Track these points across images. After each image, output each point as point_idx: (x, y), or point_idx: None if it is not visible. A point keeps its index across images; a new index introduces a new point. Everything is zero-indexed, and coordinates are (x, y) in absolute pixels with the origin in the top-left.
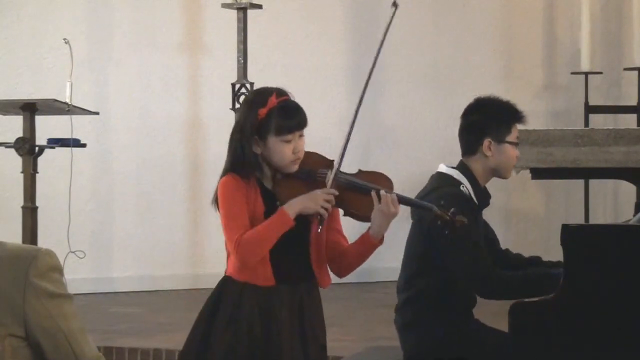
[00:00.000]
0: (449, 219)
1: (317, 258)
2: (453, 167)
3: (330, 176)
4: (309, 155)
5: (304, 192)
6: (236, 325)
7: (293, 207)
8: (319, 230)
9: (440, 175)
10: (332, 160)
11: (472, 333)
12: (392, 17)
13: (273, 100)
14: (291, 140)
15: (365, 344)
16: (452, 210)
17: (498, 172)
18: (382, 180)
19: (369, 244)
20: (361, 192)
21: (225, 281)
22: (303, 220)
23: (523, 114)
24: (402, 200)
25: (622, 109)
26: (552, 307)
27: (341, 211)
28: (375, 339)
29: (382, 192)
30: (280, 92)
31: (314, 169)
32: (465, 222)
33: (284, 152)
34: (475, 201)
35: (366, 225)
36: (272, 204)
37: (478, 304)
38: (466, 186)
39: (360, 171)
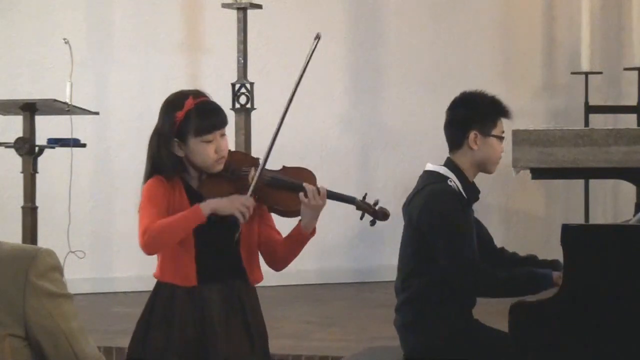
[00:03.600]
0: (370, 210)
1: (247, 255)
2: (440, 165)
3: (253, 173)
4: (234, 154)
5: (228, 191)
6: (168, 328)
7: (209, 204)
8: (235, 237)
9: (427, 174)
10: (257, 159)
11: (472, 333)
12: (314, 47)
13: (190, 102)
14: (212, 140)
15: (365, 344)
16: (374, 201)
17: (484, 166)
18: (305, 175)
19: (301, 237)
20: (283, 188)
21: (157, 284)
22: (230, 219)
23: (508, 108)
24: (329, 194)
25: (622, 109)
26: (552, 307)
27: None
28: (375, 339)
29: (306, 185)
30: (197, 94)
31: (238, 167)
32: (387, 213)
33: (206, 152)
34: (464, 195)
35: None
36: (198, 202)
37: (478, 304)
38: (454, 181)
39: (284, 167)
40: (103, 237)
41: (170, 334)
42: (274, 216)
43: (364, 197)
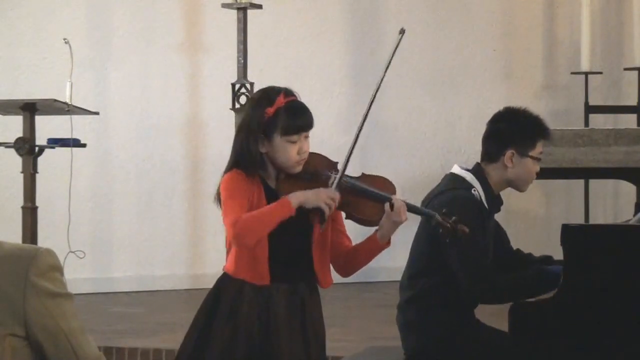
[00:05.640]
0: (450, 228)
1: (319, 259)
2: (467, 170)
3: (334, 179)
4: (313, 156)
5: None
6: (234, 322)
7: (296, 196)
8: (321, 229)
9: (452, 177)
10: (336, 163)
11: (473, 333)
12: (399, 43)
13: (281, 100)
14: (297, 141)
15: (365, 344)
16: (454, 218)
17: (514, 184)
18: (386, 185)
19: (376, 247)
20: (366, 197)
21: (224, 278)
22: (305, 221)
23: (550, 130)
24: (408, 207)
25: (622, 109)
26: (552, 307)
27: (343, 214)
28: (375, 339)
29: (394, 198)
30: (288, 92)
31: (318, 171)
32: (466, 231)
33: (289, 152)
34: (486, 206)
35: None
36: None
37: (479, 304)
38: (478, 190)
39: (363, 175)
40: (103, 237)
41: (236, 328)
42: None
43: (444, 212)
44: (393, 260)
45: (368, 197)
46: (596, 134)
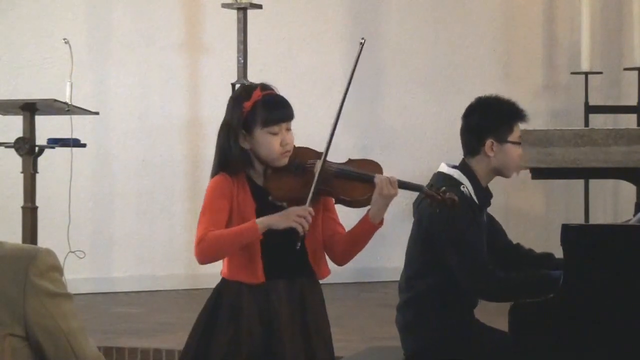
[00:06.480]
0: (439, 198)
1: (313, 251)
2: (454, 167)
3: (318, 165)
4: (299, 149)
5: (294, 185)
6: (236, 324)
7: (265, 221)
8: (297, 247)
9: (440, 176)
10: (322, 153)
11: (473, 333)
12: (360, 52)
13: (258, 93)
14: (278, 132)
15: (365, 344)
16: (442, 189)
17: (500, 172)
18: (371, 166)
19: (369, 227)
20: (351, 178)
21: (222, 282)
22: (290, 231)
23: (525, 112)
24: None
25: (622, 109)
26: (552, 307)
27: (333, 200)
28: (375, 339)
29: (378, 175)
30: (264, 86)
31: (302, 161)
32: (456, 199)
33: (271, 144)
34: (476, 201)
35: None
36: (263, 200)
37: (478, 304)
38: (467, 186)
39: (349, 160)
40: (103, 237)
41: (238, 331)
42: (338, 210)
43: (431, 185)
44: (392, 261)
45: (354, 178)
46: (596, 134)
